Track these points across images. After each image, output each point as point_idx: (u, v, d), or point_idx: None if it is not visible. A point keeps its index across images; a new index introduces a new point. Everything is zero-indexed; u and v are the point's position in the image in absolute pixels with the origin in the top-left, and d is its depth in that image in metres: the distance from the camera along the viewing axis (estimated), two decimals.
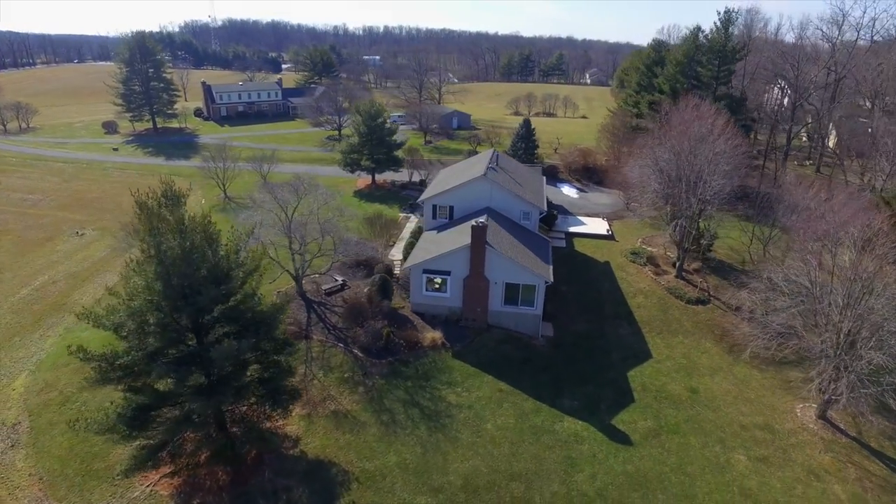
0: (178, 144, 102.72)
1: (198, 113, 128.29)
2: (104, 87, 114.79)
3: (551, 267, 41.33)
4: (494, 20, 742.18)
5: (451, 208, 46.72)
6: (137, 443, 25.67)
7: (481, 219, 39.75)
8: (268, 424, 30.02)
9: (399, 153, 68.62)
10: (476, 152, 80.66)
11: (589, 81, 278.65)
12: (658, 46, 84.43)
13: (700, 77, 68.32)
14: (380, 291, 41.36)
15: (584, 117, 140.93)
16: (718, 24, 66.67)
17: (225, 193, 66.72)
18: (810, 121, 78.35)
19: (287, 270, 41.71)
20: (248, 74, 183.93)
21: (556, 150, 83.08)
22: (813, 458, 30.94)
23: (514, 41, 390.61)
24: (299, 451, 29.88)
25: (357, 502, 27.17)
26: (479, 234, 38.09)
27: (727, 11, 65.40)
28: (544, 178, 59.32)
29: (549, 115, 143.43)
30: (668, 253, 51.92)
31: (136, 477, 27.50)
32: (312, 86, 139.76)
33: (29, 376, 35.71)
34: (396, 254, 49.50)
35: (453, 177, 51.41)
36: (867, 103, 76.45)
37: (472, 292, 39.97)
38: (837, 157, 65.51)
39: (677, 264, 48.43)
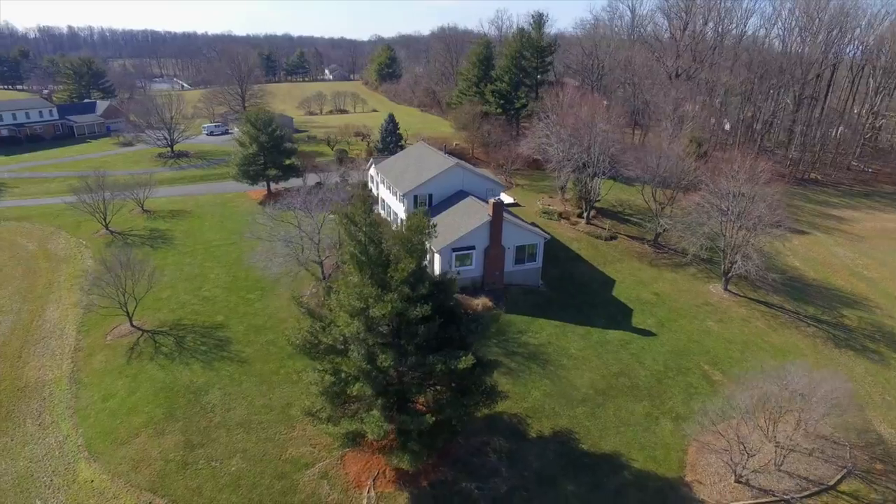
0: None
1: None
2: None
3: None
4: (194, 20, 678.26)
5: (430, 196, 52.10)
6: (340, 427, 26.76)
7: (496, 197, 47.03)
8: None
9: (294, 160, 67.66)
10: (345, 152, 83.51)
11: (331, 77, 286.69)
12: (487, 44, 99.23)
13: (525, 68, 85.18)
14: None
15: (374, 110, 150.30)
16: (532, 25, 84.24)
17: (107, 228, 56.42)
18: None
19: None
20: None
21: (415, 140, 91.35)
22: (730, 308, 48.83)
23: (230, 40, 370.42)
24: None
25: (543, 430, 33.46)
26: (498, 209, 45.50)
27: (539, 14, 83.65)
28: None
29: (342, 111, 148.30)
30: (568, 209, 66.71)
31: (360, 488, 28.48)
32: (89, 101, 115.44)
33: None
34: None
35: (407, 172, 55.94)
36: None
37: (492, 260, 47.17)
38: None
39: (584, 215, 63.44)
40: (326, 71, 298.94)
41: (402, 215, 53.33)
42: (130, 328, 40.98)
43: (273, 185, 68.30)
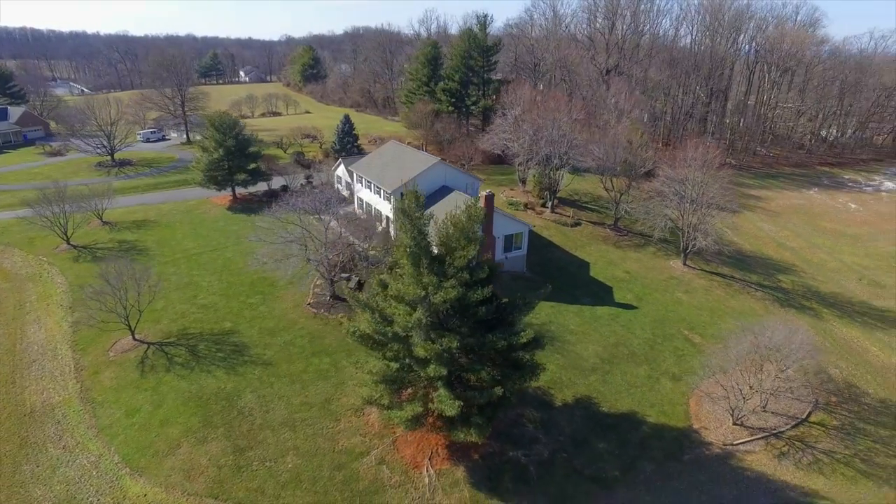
0: None
1: None
2: None
3: None
4: (80, 19, 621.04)
5: None
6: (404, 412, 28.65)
7: (487, 191, 49.54)
8: None
9: (259, 163, 66.32)
10: (302, 154, 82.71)
11: (247, 79, 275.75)
12: (434, 45, 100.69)
13: (473, 67, 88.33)
14: None
15: (307, 112, 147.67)
16: (477, 26, 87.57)
17: (69, 242, 52.80)
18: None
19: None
20: None
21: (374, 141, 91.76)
22: (692, 280, 54.83)
23: (128, 41, 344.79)
24: None
25: (566, 399, 36.67)
26: (490, 201, 48.05)
27: (483, 15, 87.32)
28: None
29: (275, 113, 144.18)
30: (531, 199, 70.67)
31: (418, 468, 30.22)
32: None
33: None
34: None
35: (388, 170, 57.00)
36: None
37: (486, 249, 49.55)
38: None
39: (549, 205, 67.64)
40: (242, 73, 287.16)
41: (388, 212, 54.64)
42: (133, 342, 39.46)
43: (239, 191, 66.64)
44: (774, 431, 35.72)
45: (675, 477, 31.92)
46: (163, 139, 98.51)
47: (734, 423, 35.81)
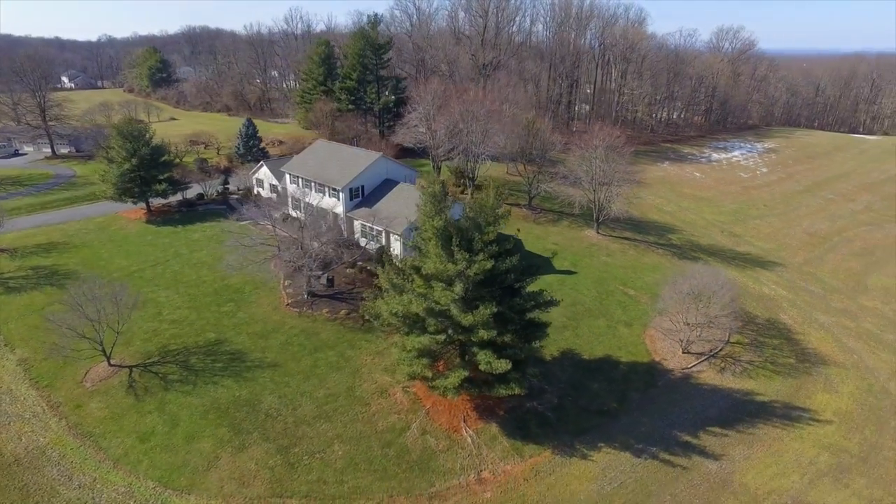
0: None
1: None
2: None
3: None
4: None
5: (363, 187, 54.95)
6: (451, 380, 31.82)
7: (441, 179, 52.52)
8: None
9: (173, 172, 61.56)
10: (205, 161, 77.98)
11: (72, 85, 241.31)
12: (327, 44, 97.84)
13: (367, 65, 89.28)
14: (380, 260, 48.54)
15: (173, 119, 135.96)
16: (369, 25, 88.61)
17: None
18: None
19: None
20: None
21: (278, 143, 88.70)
22: (609, 245, 63.65)
23: None
24: None
25: (553, 353, 41.70)
26: (444, 188, 51.20)
27: (374, 14, 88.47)
28: None
29: (138, 121, 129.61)
30: (453, 187, 74.87)
31: (458, 431, 33.27)
32: None
33: None
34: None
35: (329, 168, 56.95)
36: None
37: None
38: None
39: (468, 191, 72.44)
40: (65, 78, 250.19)
41: (339, 209, 55.11)
42: (109, 368, 36.24)
43: (153, 202, 61.41)
44: (712, 353, 44.35)
45: (656, 400, 38.60)
46: (16, 154, 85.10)
47: (683, 352, 43.77)
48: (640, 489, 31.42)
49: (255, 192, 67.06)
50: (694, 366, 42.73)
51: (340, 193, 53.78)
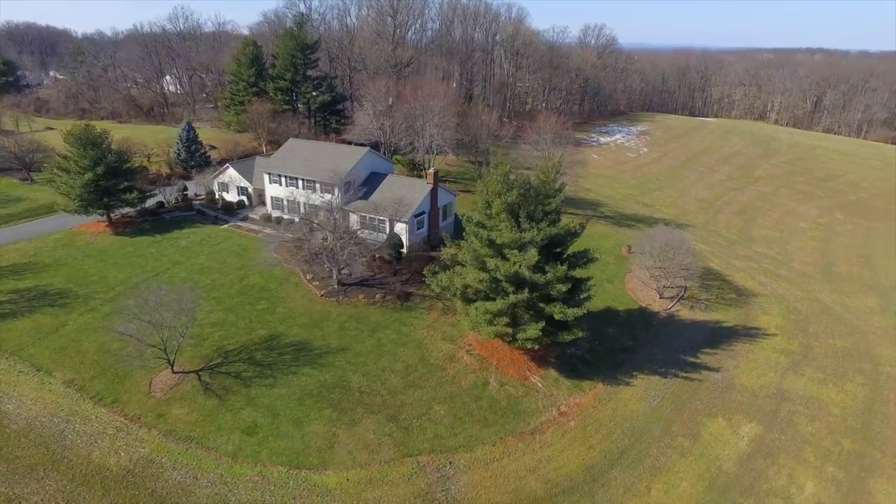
0: None
1: None
2: None
3: None
4: None
5: (354, 181, 56.69)
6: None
7: (431, 169, 56.16)
8: None
9: (136, 180, 57.29)
10: (147, 168, 72.77)
11: None
12: (254, 44, 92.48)
13: (297, 65, 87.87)
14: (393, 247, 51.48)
15: (50, 128, 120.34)
16: (295, 25, 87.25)
17: None
18: None
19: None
20: None
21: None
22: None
23: None
24: None
25: None
26: (436, 178, 55.31)
27: (301, 14, 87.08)
28: None
29: (7, 132, 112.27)
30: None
31: (527, 379, 38.56)
32: None
33: None
34: None
35: (317, 166, 57.25)
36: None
37: (433, 219, 56.89)
38: None
39: None
40: None
41: (334, 203, 56.17)
42: (173, 375, 35.50)
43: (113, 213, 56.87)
44: (680, 297, 54.03)
45: (658, 335, 46.96)
46: None
47: (660, 298, 52.86)
48: (677, 400, 39.10)
49: (218, 196, 64.83)
50: (671, 307, 51.98)
51: (336, 188, 55.13)
